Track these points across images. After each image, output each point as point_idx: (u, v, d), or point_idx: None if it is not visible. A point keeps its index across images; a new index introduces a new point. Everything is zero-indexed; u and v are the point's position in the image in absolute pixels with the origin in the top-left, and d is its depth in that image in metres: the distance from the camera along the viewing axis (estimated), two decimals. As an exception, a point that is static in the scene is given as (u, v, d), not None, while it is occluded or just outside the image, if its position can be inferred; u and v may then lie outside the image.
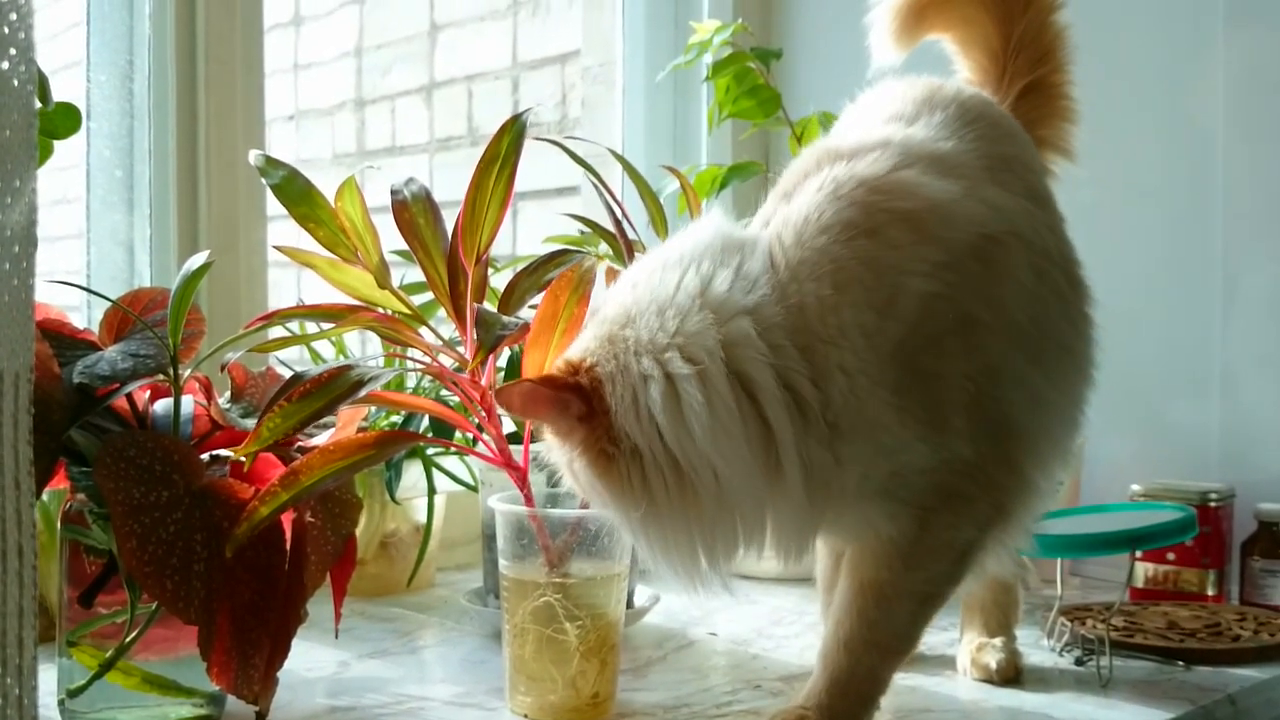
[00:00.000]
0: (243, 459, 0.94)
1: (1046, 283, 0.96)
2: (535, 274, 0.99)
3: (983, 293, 0.89)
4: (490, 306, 0.97)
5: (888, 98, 1.05)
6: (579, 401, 0.83)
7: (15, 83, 0.53)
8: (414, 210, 0.97)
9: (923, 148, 0.94)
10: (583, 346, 0.86)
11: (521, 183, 0.98)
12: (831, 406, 0.84)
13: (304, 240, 1.04)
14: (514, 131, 0.94)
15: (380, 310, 1.00)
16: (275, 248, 1.08)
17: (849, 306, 0.84)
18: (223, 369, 0.98)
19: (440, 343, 1.02)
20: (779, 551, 0.88)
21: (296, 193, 0.96)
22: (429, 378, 1.31)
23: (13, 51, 0.55)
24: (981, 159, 0.97)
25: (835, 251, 0.85)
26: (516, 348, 1.16)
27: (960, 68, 1.21)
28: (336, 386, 0.88)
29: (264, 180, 0.96)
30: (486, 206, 0.93)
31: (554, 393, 0.84)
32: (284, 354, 1.42)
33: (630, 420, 0.82)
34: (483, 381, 0.98)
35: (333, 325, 0.98)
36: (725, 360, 0.82)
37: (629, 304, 0.85)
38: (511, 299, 0.96)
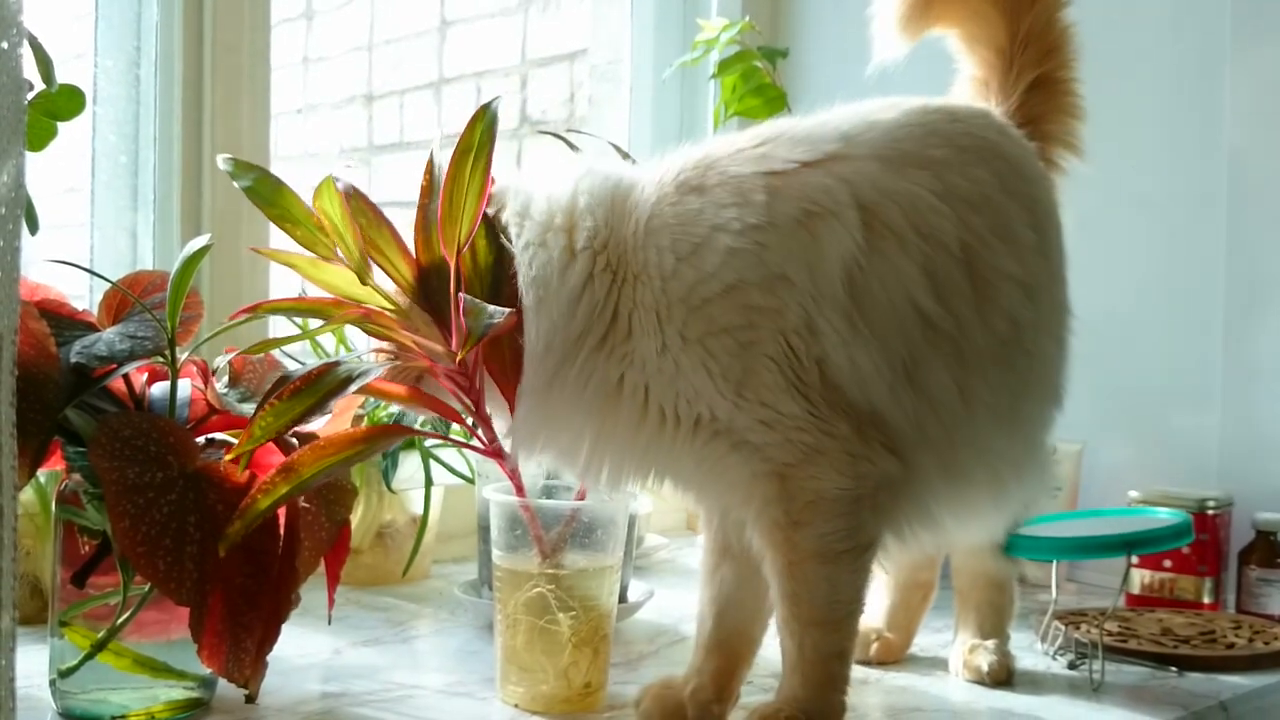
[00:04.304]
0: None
1: (913, 259, 0.94)
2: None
3: (801, 257, 0.92)
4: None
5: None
6: None
7: (4, 44, 0.53)
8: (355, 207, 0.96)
9: (801, 128, 0.99)
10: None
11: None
12: (631, 336, 0.93)
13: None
14: (485, 120, 0.94)
15: (366, 306, 0.99)
16: (252, 249, 1.09)
17: (654, 248, 0.93)
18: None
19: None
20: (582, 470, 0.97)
21: (269, 193, 0.96)
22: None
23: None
24: (892, 148, 0.97)
25: (667, 202, 0.95)
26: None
27: (965, 64, 1.21)
28: (326, 383, 0.88)
29: (235, 184, 0.96)
30: (464, 198, 0.92)
31: None
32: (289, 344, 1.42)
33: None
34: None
35: (320, 320, 0.97)
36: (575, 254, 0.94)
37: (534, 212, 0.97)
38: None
